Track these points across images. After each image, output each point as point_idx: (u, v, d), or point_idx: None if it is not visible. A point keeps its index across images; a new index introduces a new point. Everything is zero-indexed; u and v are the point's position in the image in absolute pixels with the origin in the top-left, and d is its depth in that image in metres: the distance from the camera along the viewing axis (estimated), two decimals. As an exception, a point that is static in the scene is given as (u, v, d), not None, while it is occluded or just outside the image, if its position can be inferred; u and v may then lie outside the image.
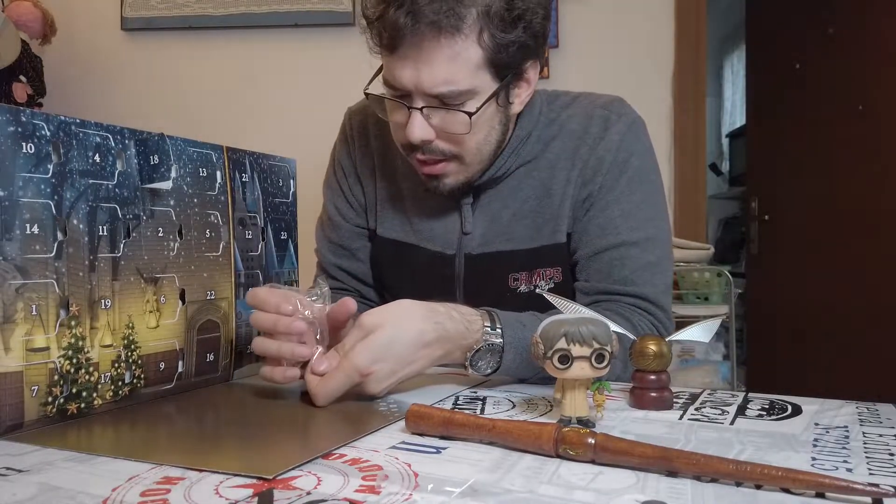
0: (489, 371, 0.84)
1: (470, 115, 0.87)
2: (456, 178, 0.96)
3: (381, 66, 0.92)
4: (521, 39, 0.87)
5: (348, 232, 1.13)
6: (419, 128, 0.89)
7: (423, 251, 1.05)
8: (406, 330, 0.76)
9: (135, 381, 0.77)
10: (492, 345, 0.82)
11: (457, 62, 0.85)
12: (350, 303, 0.81)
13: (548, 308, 0.82)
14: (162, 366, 0.81)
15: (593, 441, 0.56)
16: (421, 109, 0.88)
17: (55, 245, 0.69)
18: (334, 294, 1.03)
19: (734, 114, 4.41)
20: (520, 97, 0.95)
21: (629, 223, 0.96)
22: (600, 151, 0.97)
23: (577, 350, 0.63)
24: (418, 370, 0.79)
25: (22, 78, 2.29)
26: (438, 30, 0.83)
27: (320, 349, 0.78)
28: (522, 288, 1.00)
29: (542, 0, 0.89)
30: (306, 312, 0.78)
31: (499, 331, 0.83)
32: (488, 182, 1.00)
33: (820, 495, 0.49)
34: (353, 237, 1.13)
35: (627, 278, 0.95)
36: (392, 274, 1.11)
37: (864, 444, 0.62)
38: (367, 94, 0.95)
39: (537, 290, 0.99)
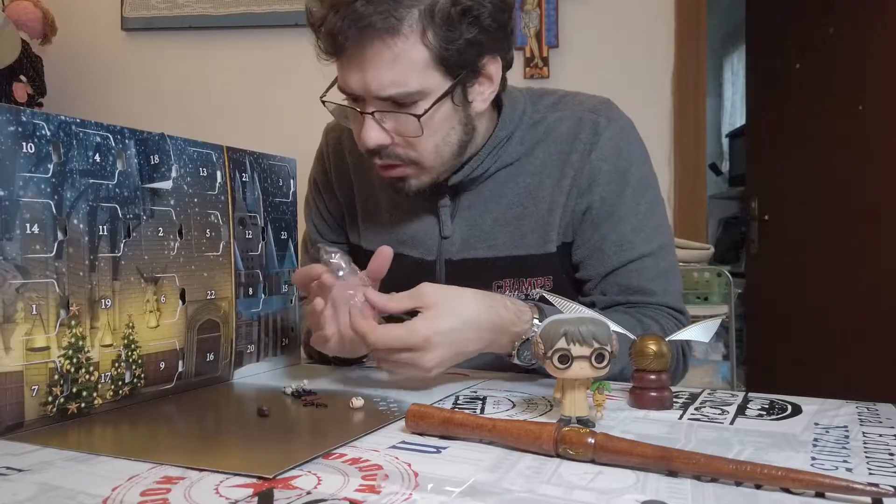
0: (532, 362, 0.84)
1: (418, 117, 0.86)
2: (419, 181, 0.94)
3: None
4: (471, 36, 0.85)
5: None
6: (373, 132, 0.88)
7: (404, 259, 1.03)
8: (464, 310, 0.79)
9: (135, 380, 0.77)
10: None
11: (400, 63, 0.83)
12: (386, 249, 0.86)
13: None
14: (162, 365, 0.81)
15: (593, 441, 0.56)
16: (372, 114, 0.87)
17: (55, 245, 0.69)
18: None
19: (734, 114, 4.41)
20: (482, 95, 0.92)
21: (641, 236, 0.97)
22: (594, 160, 0.96)
23: (577, 350, 0.63)
24: (471, 353, 0.81)
25: (22, 78, 2.29)
26: (376, 33, 0.82)
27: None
28: (507, 295, 0.99)
29: None
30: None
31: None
32: (467, 183, 0.99)
33: (820, 495, 0.49)
34: None
35: (646, 288, 0.96)
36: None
37: (864, 443, 0.62)
38: (323, 103, 0.94)
39: (537, 290, 0.99)
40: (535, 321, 0.84)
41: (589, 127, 0.97)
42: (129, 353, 0.76)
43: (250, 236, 0.94)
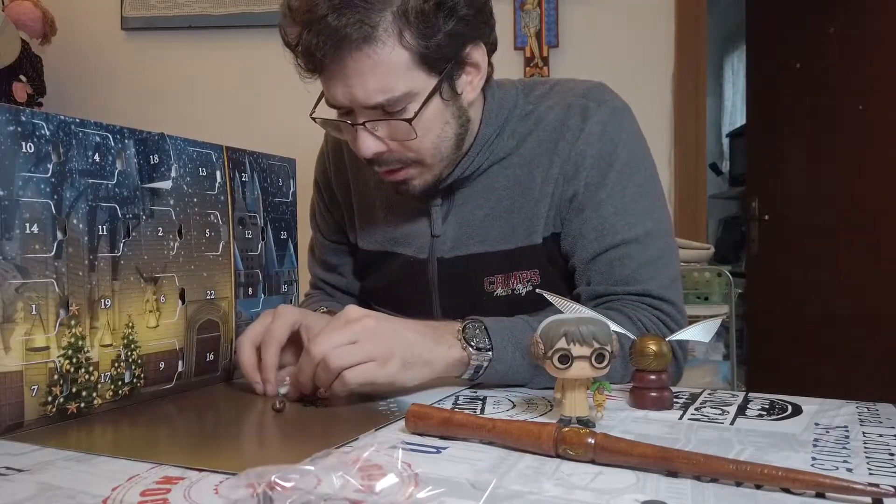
0: (487, 347, 0.80)
1: (409, 121, 0.84)
2: (423, 180, 0.93)
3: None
4: (449, 29, 0.83)
5: (328, 248, 1.16)
6: (368, 143, 0.87)
7: (398, 257, 1.03)
8: (386, 317, 0.78)
9: (135, 380, 0.77)
10: (475, 321, 0.82)
11: (383, 69, 0.82)
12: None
13: (526, 312, 0.85)
14: (162, 365, 0.80)
15: (593, 441, 0.56)
16: (363, 124, 0.86)
17: (55, 245, 0.69)
18: (321, 304, 1.09)
19: (734, 114, 4.41)
20: (471, 84, 0.90)
21: (626, 220, 0.92)
22: (581, 145, 0.92)
23: (577, 350, 0.63)
24: (416, 345, 0.76)
25: (22, 78, 2.29)
26: (353, 44, 0.80)
27: None
28: (499, 291, 0.97)
29: None
30: None
31: (475, 320, 0.83)
32: (459, 181, 0.97)
33: (820, 495, 0.49)
34: (333, 253, 1.16)
35: (630, 277, 0.91)
36: (372, 283, 1.10)
37: (864, 444, 0.62)
38: (314, 119, 0.93)
39: (537, 291, 0.98)
40: (464, 319, 0.83)
41: (578, 113, 0.94)
42: (129, 353, 0.76)
43: (250, 236, 0.94)
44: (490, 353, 0.81)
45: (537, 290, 0.97)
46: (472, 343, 0.80)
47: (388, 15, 0.80)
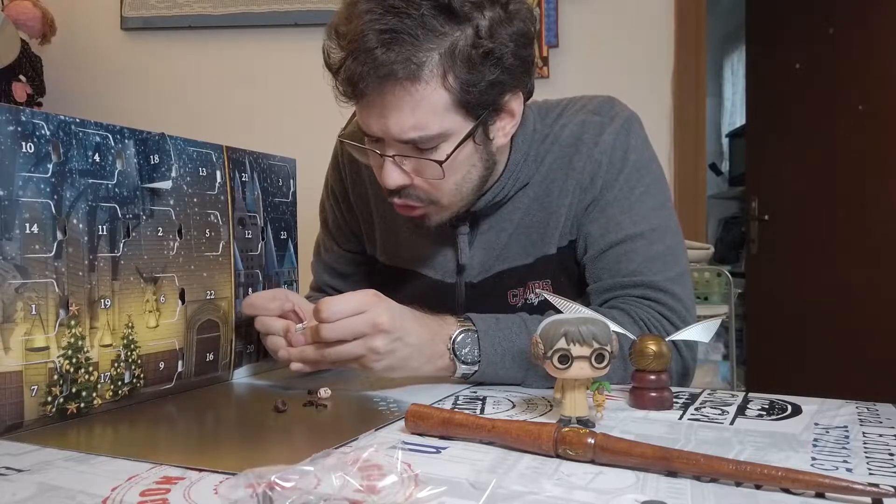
0: (475, 360, 0.84)
1: (440, 162, 0.84)
2: (439, 217, 0.93)
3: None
4: (493, 77, 0.83)
5: (341, 257, 1.16)
6: (393, 175, 0.86)
7: (423, 278, 1.04)
8: (397, 304, 0.82)
9: (134, 380, 0.77)
10: (468, 330, 0.84)
11: (422, 108, 0.81)
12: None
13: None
14: (161, 365, 0.80)
15: (593, 441, 0.56)
16: (393, 157, 0.86)
17: (55, 245, 0.69)
18: None
19: (734, 114, 4.41)
20: (503, 130, 0.90)
21: (631, 217, 0.93)
22: (596, 155, 0.94)
23: (577, 350, 0.63)
24: (412, 343, 0.80)
25: (21, 77, 2.29)
26: (396, 79, 0.79)
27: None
28: (519, 303, 0.99)
29: (516, 32, 0.84)
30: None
31: (470, 322, 0.85)
32: (486, 209, 0.98)
33: (820, 495, 0.49)
34: (346, 262, 1.15)
35: (635, 270, 0.92)
36: (395, 298, 1.11)
37: (864, 444, 0.62)
38: (342, 141, 0.93)
39: (536, 291, 0.98)
40: (460, 319, 0.86)
41: (593, 129, 0.96)
42: (129, 353, 0.76)
43: (250, 236, 0.94)
44: (477, 366, 0.84)
45: (536, 290, 0.99)
46: (460, 357, 0.84)
47: (436, 55, 0.80)
